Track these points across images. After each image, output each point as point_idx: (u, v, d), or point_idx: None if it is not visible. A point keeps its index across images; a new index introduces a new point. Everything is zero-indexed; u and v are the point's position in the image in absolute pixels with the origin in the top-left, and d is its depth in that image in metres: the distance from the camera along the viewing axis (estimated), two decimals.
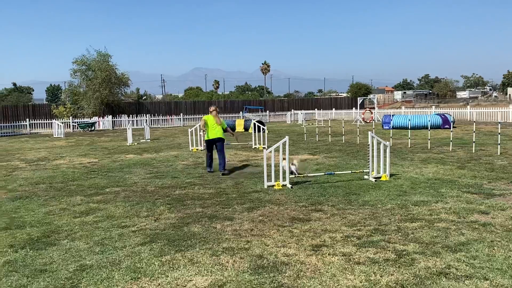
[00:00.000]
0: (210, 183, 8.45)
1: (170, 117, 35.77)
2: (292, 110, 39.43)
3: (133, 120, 32.62)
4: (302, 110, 37.88)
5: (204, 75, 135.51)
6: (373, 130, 11.16)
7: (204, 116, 10.08)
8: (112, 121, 32.87)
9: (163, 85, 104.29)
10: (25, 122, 30.17)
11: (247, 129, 23.74)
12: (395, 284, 3.66)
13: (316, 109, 39.33)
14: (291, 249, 4.57)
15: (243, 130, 24.23)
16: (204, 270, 4.08)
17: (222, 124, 9.98)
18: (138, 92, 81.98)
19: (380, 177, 8.24)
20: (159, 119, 34.76)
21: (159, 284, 3.80)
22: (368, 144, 8.43)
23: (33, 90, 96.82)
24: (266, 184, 7.82)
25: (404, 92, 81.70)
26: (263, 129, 15.44)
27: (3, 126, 29.23)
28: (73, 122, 30.74)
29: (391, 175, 8.42)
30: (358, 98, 35.82)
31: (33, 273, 4.11)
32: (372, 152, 8.32)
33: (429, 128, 14.72)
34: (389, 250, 4.44)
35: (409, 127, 15.56)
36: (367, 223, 5.44)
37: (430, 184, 7.68)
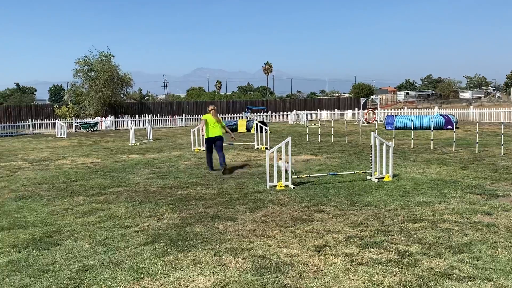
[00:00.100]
0: (212, 183, 8.45)
1: (173, 118, 35.81)
2: (295, 110, 39.44)
3: (135, 121, 32.66)
4: (305, 111, 37.89)
5: (207, 75, 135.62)
6: (376, 130, 11.15)
7: (203, 116, 10.15)
8: (115, 121, 32.91)
9: (165, 85, 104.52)
10: (28, 122, 30.25)
11: (249, 130, 23.74)
12: (398, 284, 3.65)
13: (318, 110, 39.30)
14: (294, 249, 4.56)
15: (245, 130, 24.23)
16: (207, 270, 4.08)
17: (221, 123, 10.10)
18: (140, 92, 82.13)
19: (383, 178, 8.22)
20: (161, 119, 34.82)
21: (161, 284, 3.80)
22: (371, 145, 8.41)
23: (35, 90, 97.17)
24: (268, 184, 7.82)
25: (407, 93, 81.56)
26: (265, 129, 15.44)
27: (6, 126, 29.34)
28: (75, 122, 30.80)
29: (394, 176, 8.41)
30: (361, 99, 35.81)
31: (36, 273, 4.12)
32: (375, 153, 8.31)
33: (432, 129, 14.68)
34: (392, 251, 4.43)
35: (412, 128, 15.53)
36: (370, 223, 5.43)
37: (433, 185, 7.66)
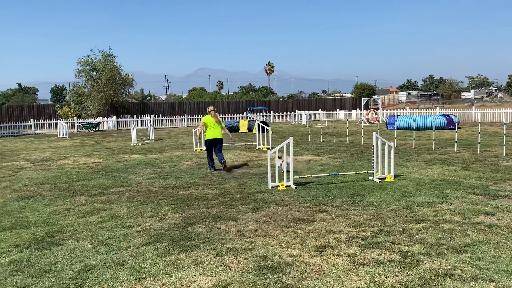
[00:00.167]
0: (214, 183, 8.45)
1: (174, 118, 35.84)
2: (296, 110, 39.44)
3: (137, 121, 32.70)
4: (306, 111, 37.84)
5: (208, 75, 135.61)
6: (378, 131, 11.12)
7: (202, 119, 10.18)
8: (117, 121, 32.98)
9: (167, 85, 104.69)
10: (30, 122, 30.33)
11: (251, 130, 23.75)
12: (400, 285, 3.65)
13: (320, 110, 39.26)
14: (295, 249, 4.56)
15: (247, 130, 24.24)
16: (208, 270, 4.08)
17: (220, 123, 10.14)
18: (142, 93, 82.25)
19: (384, 178, 8.21)
20: (163, 120, 34.86)
21: (163, 284, 3.80)
22: (373, 145, 8.40)
23: (37, 91, 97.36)
24: (270, 184, 7.82)
25: (409, 93, 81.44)
26: (267, 129, 15.44)
27: (8, 126, 29.42)
28: (77, 123, 30.86)
29: (395, 176, 8.40)
30: (363, 99, 35.75)
31: (38, 273, 4.13)
32: (377, 153, 8.30)
33: (433, 129, 14.66)
34: (394, 251, 4.42)
35: (414, 128, 15.50)
36: (371, 224, 5.42)
37: (435, 185, 7.65)
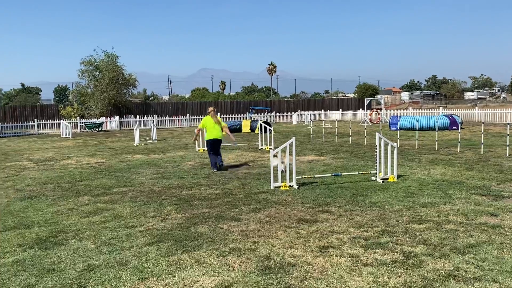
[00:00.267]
0: (216, 183, 8.45)
1: (177, 118, 35.87)
2: (299, 111, 39.41)
3: (140, 121, 32.72)
4: (309, 111, 37.82)
5: (211, 76, 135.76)
6: (380, 131, 11.10)
7: (202, 120, 10.21)
8: (119, 121, 33.02)
9: (170, 85, 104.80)
10: (33, 122, 30.39)
11: (253, 130, 23.74)
12: (403, 286, 3.64)
13: (322, 110, 39.24)
14: (298, 250, 4.56)
15: (250, 131, 24.23)
16: (211, 270, 4.08)
17: (220, 124, 10.20)
18: (145, 93, 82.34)
19: (387, 178, 8.20)
20: (166, 120, 34.87)
21: (166, 284, 3.80)
22: (376, 145, 8.39)
23: (41, 91, 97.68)
24: (272, 185, 7.82)
25: (412, 93, 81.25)
26: (269, 130, 15.44)
27: (12, 126, 29.51)
28: (80, 123, 30.92)
29: (398, 176, 8.38)
30: (365, 99, 35.68)
31: (41, 273, 4.14)
32: (380, 153, 8.28)
33: (436, 129, 14.63)
34: (396, 252, 4.41)
35: (417, 128, 15.47)
36: (374, 224, 5.41)
37: (438, 186, 7.63)
